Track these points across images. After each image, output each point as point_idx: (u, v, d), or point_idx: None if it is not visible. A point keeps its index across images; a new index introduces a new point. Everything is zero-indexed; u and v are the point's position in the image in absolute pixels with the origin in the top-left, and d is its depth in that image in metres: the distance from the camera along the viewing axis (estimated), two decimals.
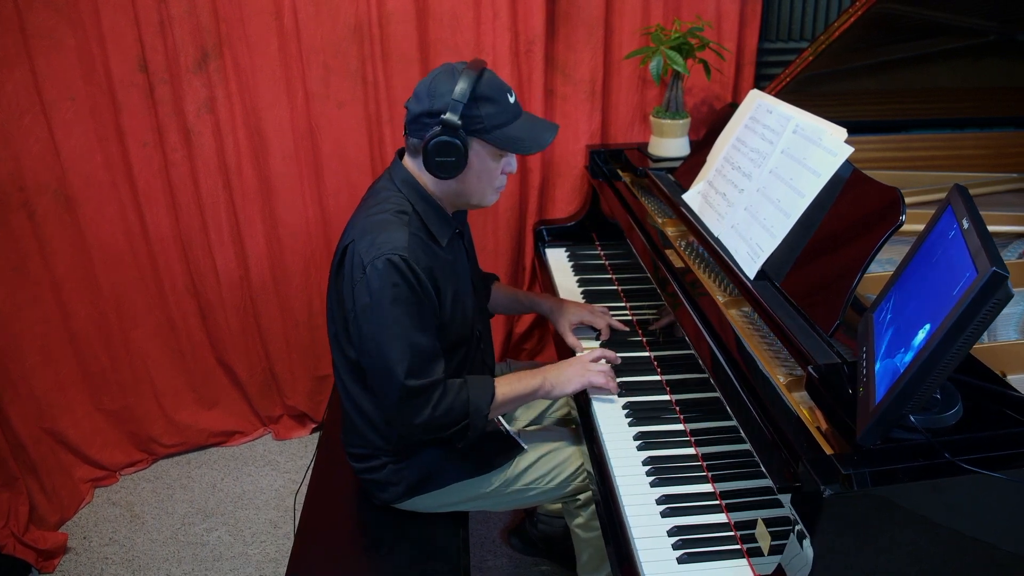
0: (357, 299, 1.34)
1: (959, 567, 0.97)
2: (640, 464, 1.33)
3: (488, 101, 1.33)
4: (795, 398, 1.12)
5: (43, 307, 2.17)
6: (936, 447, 0.92)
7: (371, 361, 1.36)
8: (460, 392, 1.40)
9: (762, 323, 1.32)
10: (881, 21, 1.71)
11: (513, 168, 1.44)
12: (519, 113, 1.39)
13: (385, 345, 1.32)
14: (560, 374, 1.52)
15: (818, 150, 1.37)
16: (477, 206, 1.46)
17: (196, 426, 2.48)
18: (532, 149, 1.38)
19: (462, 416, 1.40)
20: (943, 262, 0.95)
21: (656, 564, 1.12)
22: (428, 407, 1.36)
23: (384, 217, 1.37)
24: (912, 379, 0.86)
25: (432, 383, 1.36)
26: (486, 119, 1.33)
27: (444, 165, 1.33)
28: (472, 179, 1.39)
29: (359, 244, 1.34)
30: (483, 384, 1.44)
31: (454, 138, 1.31)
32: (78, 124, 2.07)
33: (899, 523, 0.92)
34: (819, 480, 0.88)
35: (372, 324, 1.32)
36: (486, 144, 1.36)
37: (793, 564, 0.94)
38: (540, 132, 1.39)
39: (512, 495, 1.56)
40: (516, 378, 1.49)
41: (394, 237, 1.33)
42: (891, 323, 1.02)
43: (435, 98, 1.32)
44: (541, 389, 1.50)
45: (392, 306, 1.31)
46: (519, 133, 1.36)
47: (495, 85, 1.35)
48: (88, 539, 2.19)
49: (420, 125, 1.35)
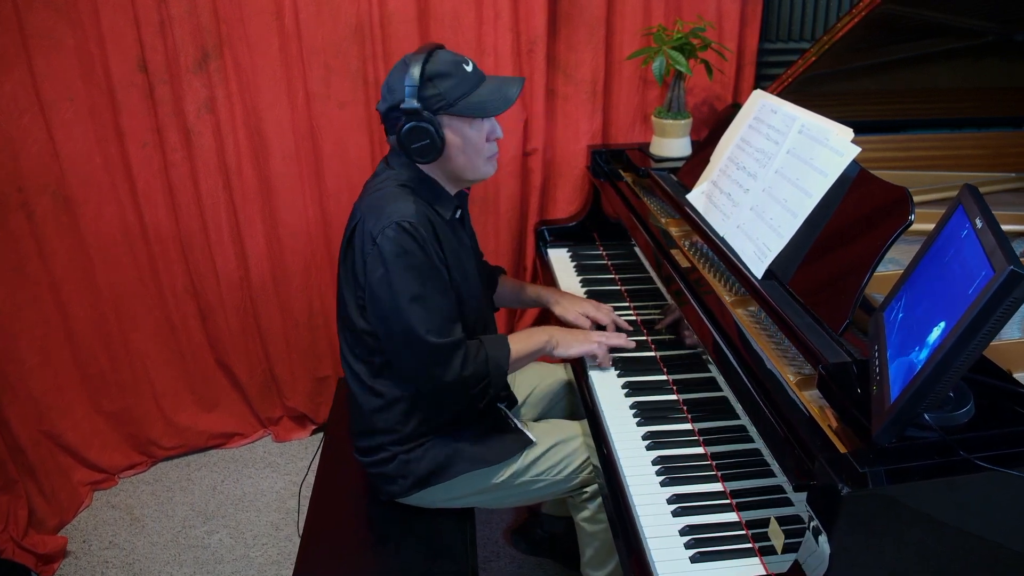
0: (371, 271, 1.36)
1: (972, 562, 0.97)
2: (650, 464, 1.33)
3: (443, 77, 1.37)
4: (806, 396, 1.13)
5: (42, 308, 2.15)
6: (950, 445, 0.93)
7: (392, 327, 1.37)
8: (479, 351, 1.44)
9: (769, 323, 1.32)
10: (883, 21, 1.72)
11: (499, 133, 1.47)
12: (482, 78, 1.42)
13: (404, 309, 1.35)
14: (566, 334, 1.60)
15: (825, 150, 1.37)
16: (476, 180, 1.49)
17: (196, 428, 2.47)
18: (501, 107, 1.41)
19: (484, 374, 1.43)
20: (956, 261, 0.95)
21: (669, 564, 1.13)
22: (457, 363, 1.40)
23: (388, 191, 1.41)
24: (929, 377, 0.87)
25: (455, 342, 1.39)
26: (446, 93, 1.36)
27: (421, 150, 1.38)
28: (457, 155, 1.42)
29: (367, 219, 1.38)
30: (498, 342, 1.49)
31: (419, 122, 1.35)
32: (77, 124, 2.05)
33: (913, 520, 0.93)
34: (837, 478, 0.88)
35: (389, 291, 1.35)
36: (455, 117, 1.39)
37: (810, 562, 0.94)
38: (505, 90, 1.42)
39: (520, 488, 1.56)
40: (525, 335, 1.56)
41: (401, 207, 1.36)
42: (903, 322, 1.03)
43: (395, 92, 1.38)
44: (548, 344, 1.57)
45: (406, 271, 1.34)
46: (484, 97, 1.40)
47: (447, 60, 1.38)
48: (88, 543, 2.18)
49: (390, 121, 1.40)
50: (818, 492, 0.93)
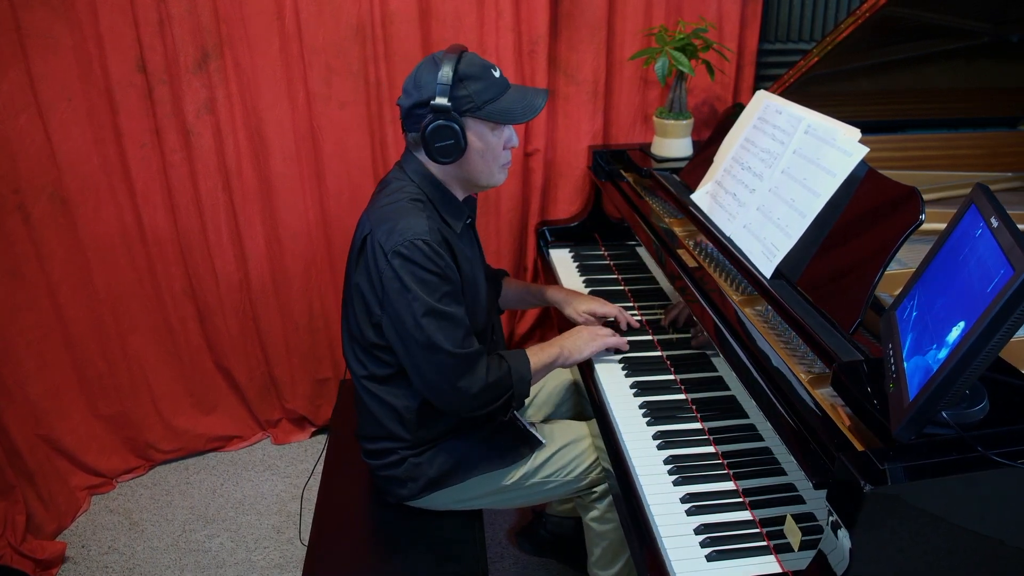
0: (388, 288, 1.35)
1: (989, 555, 0.98)
2: (662, 463, 1.34)
3: (473, 79, 1.36)
4: (819, 395, 1.13)
5: (39, 311, 2.13)
6: (968, 441, 0.94)
7: (413, 343, 1.36)
8: (501, 363, 1.46)
9: (776, 322, 1.33)
10: (884, 23, 1.74)
11: (515, 142, 1.47)
12: (507, 86, 1.42)
13: (424, 324, 1.34)
14: (574, 341, 1.60)
15: (832, 150, 1.38)
16: (487, 186, 1.49)
17: (194, 431, 2.45)
18: (527, 115, 1.41)
19: (507, 386, 1.45)
20: (972, 260, 0.96)
21: (685, 563, 1.13)
22: (483, 374, 1.40)
23: (400, 205, 1.39)
24: (949, 375, 0.88)
25: (477, 352, 1.40)
26: (475, 96, 1.36)
27: (444, 149, 1.37)
28: (476, 159, 1.42)
29: (378, 233, 1.36)
30: (519, 355, 1.50)
31: (448, 121, 1.34)
32: (75, 125, 2.03)
33: (932, 516, 0.94)
34: (859, 475, 0.89)
35: (406, 308, 1.34)
36: (480, 121, 1.39)
37: (832, 557, 0.95)
38: (531, 99, 1.43)
39: (530, 489, 1.56)
40: (538, 349, 1.56)
41: (413, 223, 1.35)
42: (917, 321, 1.04)
43: (422, 88, 1.36)
44: (560, 357, 1.56)
45: (422, 288, 1.34)
46: (510, 104, 1.40)
47: (477, 63, 1.38)
48: (87, 548, 2.15)
49: (414, 118, 1.39)
50: (840, 489, 0.93)
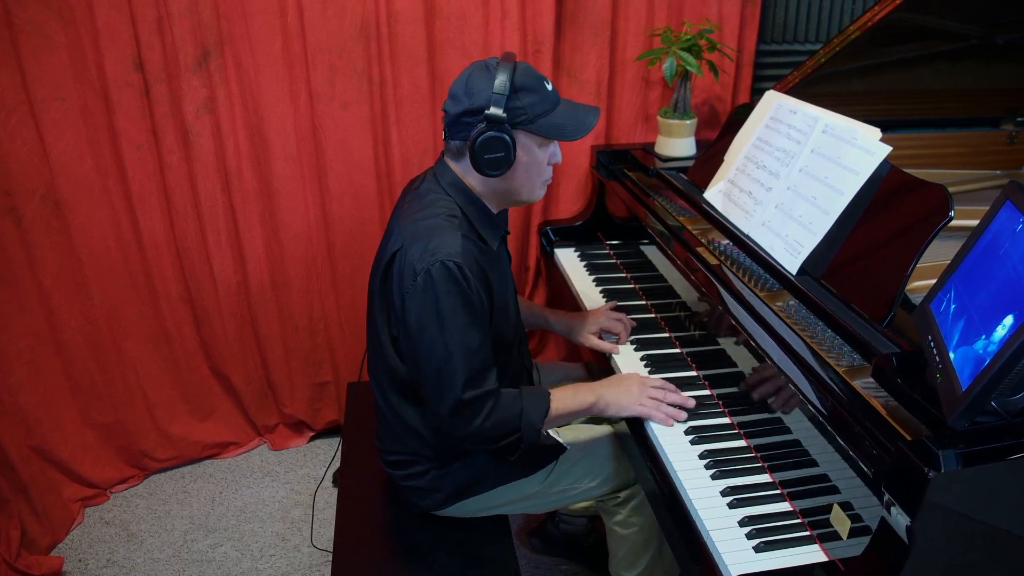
0: (410, 309, 1.30)
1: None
2: (697, 458, 1.35)
3: (528, 91, 1.31)
4: (857, 386, 1.16)
5: (30, 318, 2.06)
6: (1016, 427, 0.97)
7: (427, 372, 1.32)
8: (513, 404, 1.38)
9: (801, 317, 1.35)
10: (887, 26, 1.78)
11: (559, 159, 1.43)
12: (558, 100, 1.37)
13: (442, 357, 1.29)
14: (618, 394, 1.46)
15: (853, 149, 1.42)
16: (526, 202, 1.46)
17: (190, 438, 2.39)
18: (578, 133, 1.37)
19: (514, 429, 1.37)
20: (1014, 255, 1.00)
21: (734, 555, 1.14)
22: (479, 418, 1.34)
23: (435, 222, 1.34)
24: (1004, 365, 0.91)
25: (486, 393, 1.34)
26: (528, 109, 1.31)
27: (494, 161, 1.31)
28: (520, 174, 1.37)
29: (410, 250, 1.31)
30: (538, 397, 1.41)
31: (501, 132, 1.29)
32: (68, 125, 1.96)
33: (984, 500, 0.97)
34: (921, 462, 0.92)
35: (428, 335, 1.29)
36: (532, 135, 1.34)
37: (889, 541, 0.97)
38: (583, 116, 1.38)
39: (556, 495, 1.56)
40: (572, 392, 1.46)
41: (447, 242, 1.30)
42: (958, 313, 1.07)
43: (474, 96, 1.30)
44: (595, 406, 1.46)
45: (448, 315, 1.28)
46: (562, 120, 1.35)
47: (532, 75, 1.33)
48: (84, 561, 2.08)
49: (462, 125, 1.32)
50: (901, 477, 0.96)
